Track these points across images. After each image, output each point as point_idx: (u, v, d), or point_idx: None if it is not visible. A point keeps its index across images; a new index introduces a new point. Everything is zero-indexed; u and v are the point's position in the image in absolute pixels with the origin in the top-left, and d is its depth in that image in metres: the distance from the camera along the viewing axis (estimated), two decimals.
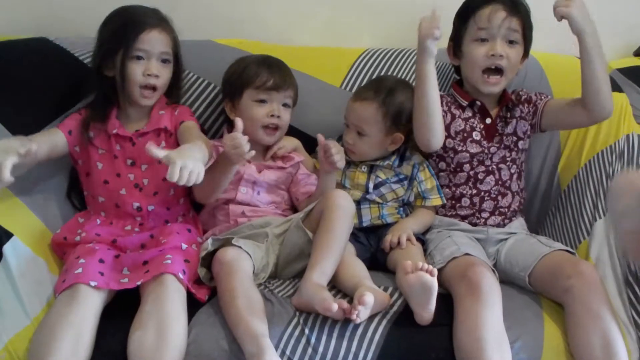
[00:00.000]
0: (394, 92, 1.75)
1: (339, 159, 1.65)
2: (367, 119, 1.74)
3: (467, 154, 1.78)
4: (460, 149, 1.79)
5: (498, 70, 1.74)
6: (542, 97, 1.82)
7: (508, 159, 1.80)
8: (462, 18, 1.79)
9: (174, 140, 1.72)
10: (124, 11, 1.69)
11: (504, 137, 1.80)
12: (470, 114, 1.81)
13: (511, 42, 1.74)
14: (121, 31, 1.64)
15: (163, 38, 1.67)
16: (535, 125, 1.82)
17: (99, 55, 1.68)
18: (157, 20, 1.68)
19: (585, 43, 1.61)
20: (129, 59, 1.64)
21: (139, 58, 1.65)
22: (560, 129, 1.91)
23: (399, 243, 1.68)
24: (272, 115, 1.74)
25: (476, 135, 1.79)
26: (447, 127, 1.78)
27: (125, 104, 1.72)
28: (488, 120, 1.80)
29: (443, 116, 1.75)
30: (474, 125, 1.80)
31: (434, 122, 1.69)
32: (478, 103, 1.80)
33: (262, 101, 1.74)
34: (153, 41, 1.65)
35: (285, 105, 1.77)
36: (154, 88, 1.67)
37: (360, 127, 1.75)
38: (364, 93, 1.77)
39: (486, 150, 1.78)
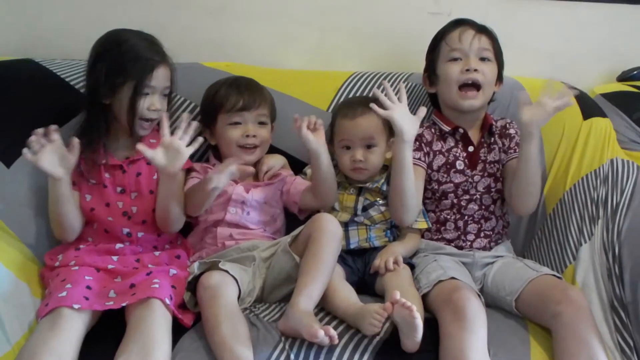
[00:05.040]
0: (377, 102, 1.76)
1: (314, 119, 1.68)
2: (376, 128, 1.76)
3: (452, 184, 1.79)
4: (444, 180, 1.80)
5: (474, 85, 1.76)
6: (516, 150, 1.81)
7: (493, 189, 1.81)
8: (433, 46, 1.84)
9: None
10: (124, 41, 1.65)
11: (487, 165, 1.80)
12: (452, 143, 1.82)
13: (483, 59, 1.77)
14: (132, 66, 1.62)
15: (167, 74, 1.68)
16: None
17: (101, 84, 1.64)
18: (161, 55, 1.67)
19: (533, 147, 1.65)
20: (138, 95, 1.63)
21: (145, 94, 1.65)
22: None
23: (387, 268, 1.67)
24: (247, 136, 1.75)
25: (459, 165, 1.80)
26: (430, 164, 1.80)
27: (118, 132, 1.70)
28: (471, 149, 1.81)
29: (424, 155, 1.79)
30: (457, 154, 1.81)
31: (410, 202, 1.71)
32: (460, 131, 1.81)
33: (236, 123, 1.76)
34: (160, 78, 1.66)
35: (260, 123, 1.79)
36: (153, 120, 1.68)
37: (371, 140, 1.76)
38: (356, 110, 1.77)
39: (470, 179, 1.79)
